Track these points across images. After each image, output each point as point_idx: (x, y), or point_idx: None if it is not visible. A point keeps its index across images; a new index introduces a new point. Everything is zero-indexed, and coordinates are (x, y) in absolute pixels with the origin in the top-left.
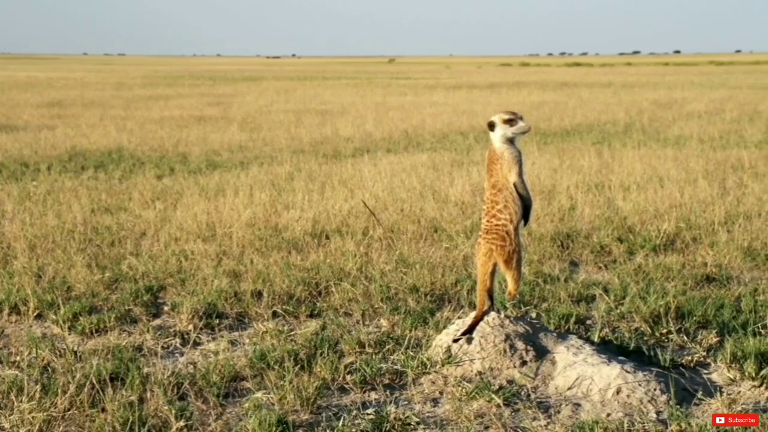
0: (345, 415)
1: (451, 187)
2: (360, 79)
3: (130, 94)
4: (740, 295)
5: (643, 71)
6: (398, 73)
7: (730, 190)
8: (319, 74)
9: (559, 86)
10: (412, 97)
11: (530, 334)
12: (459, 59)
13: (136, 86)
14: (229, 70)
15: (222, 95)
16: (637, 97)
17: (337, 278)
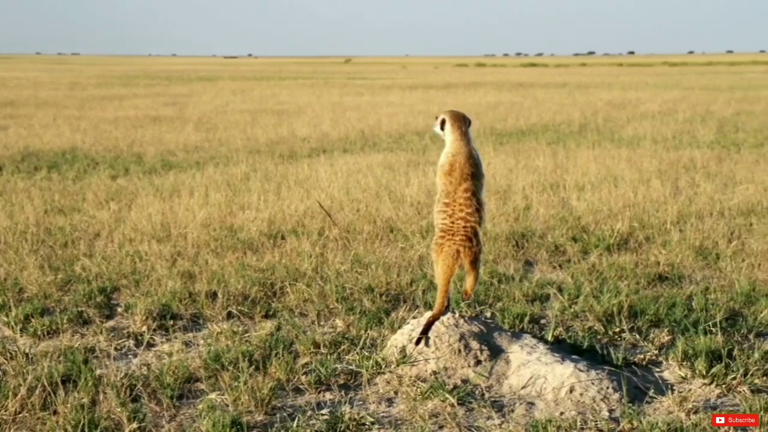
0: (299, 415)
1: (407, 188)
2: (317, 79)
3: (85, 94)
4: (692, 294)
5: (598, 72)
6: (355, 73)
7: (682, 189)
8: (276, 74)
9: (515, 87)
10: (368, 97)
11: (485, 333)
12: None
13: (91, 86)
14: (185, 69)
15: (178, 95)
16: (592, 97)
17: (292, 279)
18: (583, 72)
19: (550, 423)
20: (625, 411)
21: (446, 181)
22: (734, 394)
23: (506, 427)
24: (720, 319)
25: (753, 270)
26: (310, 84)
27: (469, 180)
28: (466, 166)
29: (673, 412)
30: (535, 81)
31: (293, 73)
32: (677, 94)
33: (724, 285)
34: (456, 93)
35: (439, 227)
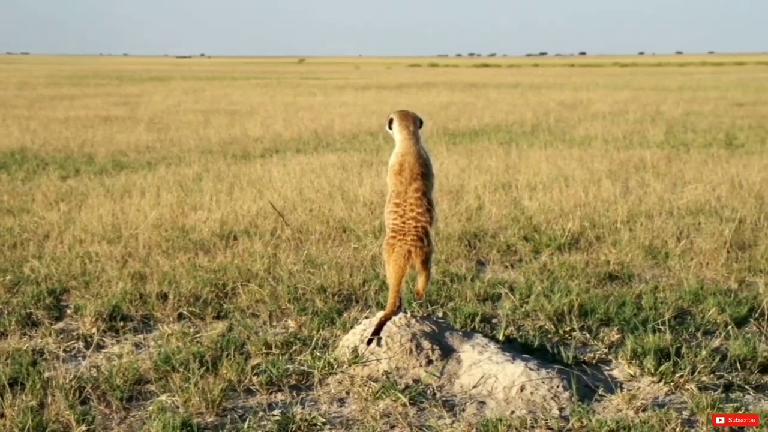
0: (251, 416)
1: (360, 188)
2: (269, 79)
3: (34, 93)
4: (641, 293)
5: (550, 72)
6: (308, 73)
7: (632, 189)
8: (228, 74)
9: (468, 87)
10: (321, 97)
11: (436, 333)
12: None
13: (40, 86)
14: (137, 69)
15: (129, 95)
16: (544, 97)
17: (244, 279)
18: (535, 72)
19: (501, 422)
20: (574, 409)
21: (396, 181)
22: (682, 392)
23: (457, 427)
24: (668, 318)
25: (701, 269)
26: (263, 84)
27: (420, 180)
28: (416, 166)
29: (622, 410)
30: (488, 81)
31: (246, 73)
32: (628, 95)
33: (672, 284)
34: (409, 93)
35: (390, 227)
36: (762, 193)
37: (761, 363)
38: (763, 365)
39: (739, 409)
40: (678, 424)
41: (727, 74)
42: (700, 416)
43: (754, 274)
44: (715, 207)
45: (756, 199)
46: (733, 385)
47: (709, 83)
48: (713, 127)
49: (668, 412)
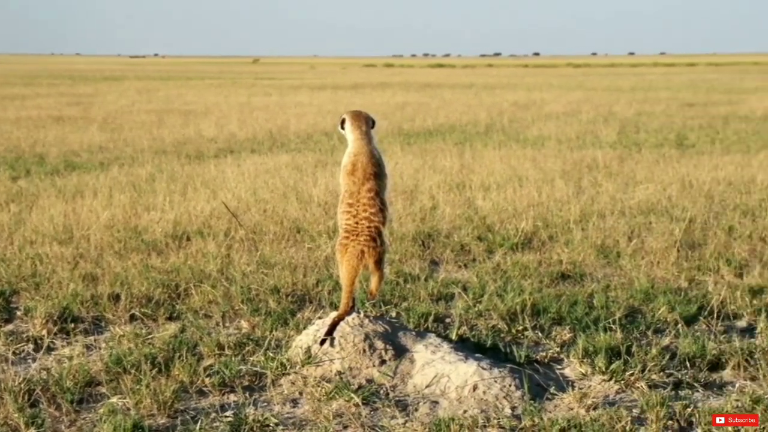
0: (203, 418)
1: (315, 188)
2: (224, 79)
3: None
4: (593, 292)
5: (504, 73)
6: (263, 73)
7: (585, 189)
8: (183, 74)
9: (423, 87)
10: (276, 97)
11: (389, 333)
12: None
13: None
14: (90, 69)
15: (82, 95)
16: (498, 98)
17: (197, 280)
18: (489, 73)
19: (453, 421)
20: (526, 408)
21: (349, 181)
22: (632, 390)
23: (410, 426)
24: (619, 317)
25: (652, 268)
26: (217, 84)
27: (372, 180)
28: (368, 166)
29: (573, 408)
30: (443, 82)
31: (200, 73)
32: (581, 95)
33: (624, 283)
34: (364, 93)
35: (343, 228)
36: (712, 193)
37: (710, 361)
38: (712, 363)
39: (688, 407)
40: (628, 422)
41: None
42: (650, 414)
43: (703, 273)
44: (666, 206)
45: (706, 198)
46: (682, 382)
47: (661, 84)
48: (665, 127)
49: (619, 410)
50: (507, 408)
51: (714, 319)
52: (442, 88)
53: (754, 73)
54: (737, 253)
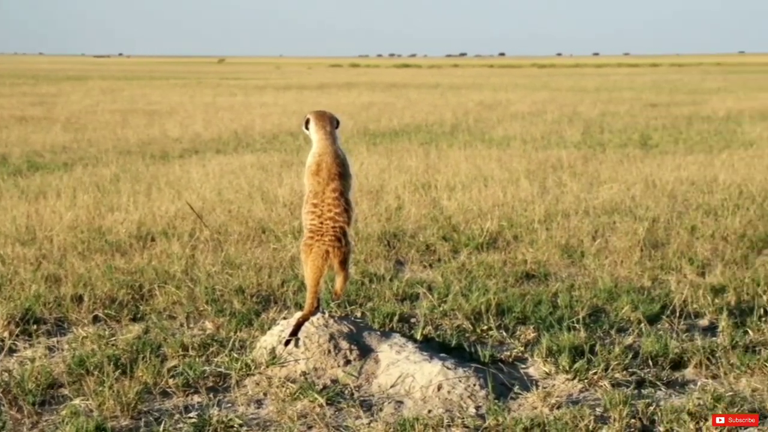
0: (166, 419)
1: (280, 188)
2: (189, 79)
3: None
4: (557, 291)
5: (469, 73)
6: (228, 73)
7: (549, 189)
8: (147, 74)
9: (388, 87)
10: (242, 97)
11: (354, 333)
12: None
13: None
14: (53, 69)
15: (45, 95)
16: (464, 98)
17: (161, 281)
18: (455, 73)
19: (418, 421)
20: (490, 408)
21: (314, 181)
22: (596, 389)
23: (375, 427)
24: (583, 316)
25: (615, 267)
26: (182, 84)
27: (337, 180)
28: (333, 166)
29: (537, 407)
30: (409, 82)
31: (165, 73)
32: (546, 96)
33: (588, 282)
34: (330, 93)
35: (307, 228)
36: (675, 193)
37: (673, 359)
38: (675, 361)
39: (650, 405)
40: (591, 420)
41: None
42: (613, 413)
43: (666, 272)
44: (630, 206)
45: (669, 198)
46: (645, 381)
47: (625, 84)
48: (628, 127)
49: (582, 409)
50: (471, 407)
51: (676, 318)
52: (408, 88)
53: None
54: (699, 252)
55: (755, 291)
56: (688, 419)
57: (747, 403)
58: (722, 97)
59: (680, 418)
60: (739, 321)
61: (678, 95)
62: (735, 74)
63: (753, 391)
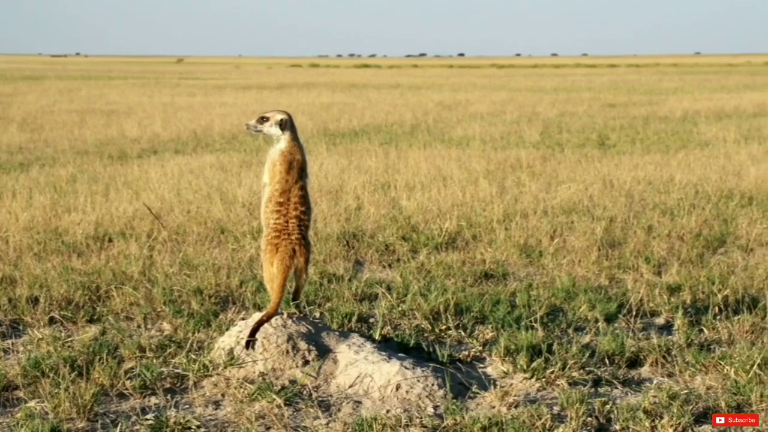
0: (123, 421)
1: (239, 188)
2: (147, 78)
3: None
4: (515, 291)
5: (429, 73)
6: (187, 73)
7: (508, 189)
8: (105, 74)
9: (348, 87)
10: (201, 97)
11: (313, 333)
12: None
13: None
14: (8, 68)
15: (1, 94)
16: (423, 98)
17: (118, 282)
18: (415, 73)
19: (376, 421)
20: (448, 407)
21: (282, 180)
22: (553, 388)
23: (333, 427)
24: (541, 315)
25: (573, 266)
26: (140, 84)
27: (304, 179)
28: (303, 165)
29: (495, 406)
30: (368, 82)
31: (123, 73)
32: (505, 96)
33: (546, 281)
34: (290, 94)
35: (271, 227)
36: (632, 192)
37: (629, 358)
38: (631, 360)
39: (607, 403)
40: (548, 419)
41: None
42: (570, 411)
43: (623, 271)
44: (588, 206)
45: (626, 197)
46: (601, 379)
47: (583, 85)
48: (587, 127)
49: (539, 407)
50: (429, 407)
51: (633, 317)
52: (368, 88)
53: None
54: (656, 251)
55: (710, 289)
56: (643, 417)
57: (702, 401)
58: (679, 97)
59: (636, 417)
60: (694, 319)
61: (635, 96)
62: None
63: (708, 389)
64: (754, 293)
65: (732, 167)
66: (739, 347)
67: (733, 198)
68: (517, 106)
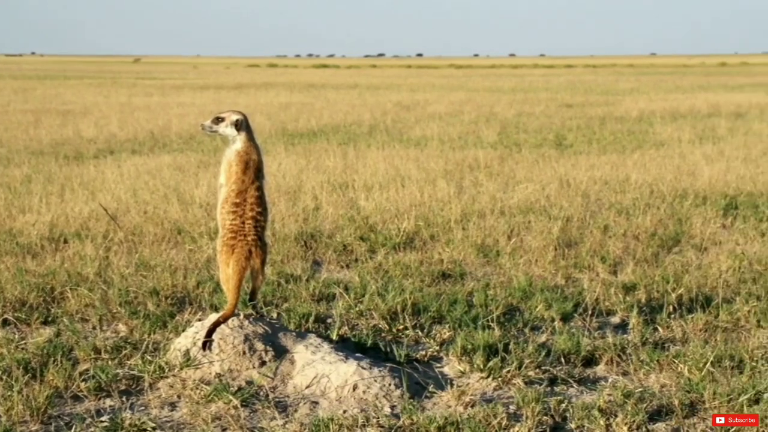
0: (77, 423)
1: (197, 189)
2: (104, 78)
3: None
4: (473, 291)
5: (388, 73)
6: (144, 72)
7: (466, 189)
8: (61, 73)
9: (307, 87)
10: (158, 97)
11: (270, 334)
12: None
13: None
14: None
15: None
16: (382, 98)
17: (74, 283)
18: (373, 73)
19: (333, 421)
20: (405, 407)
21: (239, 180)
22: (509, 387)
23: (290, 427)
24: (498, 314)
25: (530, 266)
26: (97, 84)
27: (261, 180)
28: (260, 166)
29: (451, 406)
30: (327, 82)
31: (79, 72)
32: (463, 96)
33: (503, 281)
34: (248, 94)
35: (228, 228)
36: (588, 192)
37: (584, 357)
38: (587, 359)
39: (562, 402)
40: (504, 418)
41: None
42: (526, 410)
43: (579, 271)
44: (545, 206)
45: (582, 197)
46: (557, 378)
47: (540, 85)
48: (544, 127)
49: (495, 407)
50: (386, 407)
51: (589, 316)
52: (326, 88)
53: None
54: (612, 250)
55: (665, 288)
56: (598, 416)
57: (656, 399)
58: (635, 97)
59: (591, 415)
60: (649, 318)
61: (592, 96)
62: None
63: (662, 387)
64: (707, 292)
65: (686, 167)
66: (692, 345)
67: (687, 197)
68: (475, 107)
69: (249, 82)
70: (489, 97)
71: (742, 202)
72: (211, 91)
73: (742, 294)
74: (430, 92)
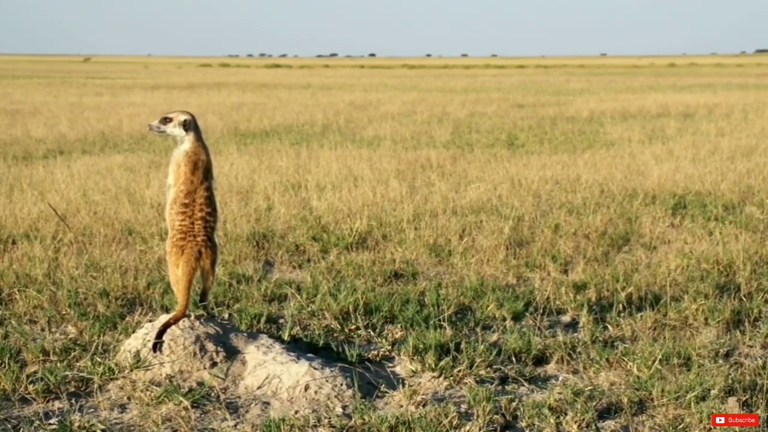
0: (25, 426)
1: (148, 189)
2: (53, 78)
3: None
4: (425, 290)
5: (340, 73)
6: (94, 72)
7: (418, 188)
8: (9, 72)
9: (259, 87)
10: (109, 97)
11: (221, 335)
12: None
13: None
14: None
15: None
16: (335, 98)
17: (22, 285)
18: (326, 73)
19: (284, 422)
20: (357, 407)
21: (187, 181)
22: (461, 386)
23: (241, 428)
24: (450, 314)
25: (482, 265)
26: (46, 83)
27: (210, 180)
28: (208, 166)
29: (403, 405)
30: (279, 82)
31: (28, 72)
32: (416, 96)
33: (455, 280)
34: (200, 93)
35: (177, 229)
36: (539, 192)
37: (535, 355)
38: (537, 357)
39: (513, 401)
40: (455, 417)
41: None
42: (477, 409)
43: (531, 270)
44: (496, 205)
45: (534, 197)
46: (508, 377)
47: (492, 85)
48: (496, 127)
49: (447, 406)
50: (338, 407)
51: (540, 315)
52: (279, 88)
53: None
54: (562, 250)
55: (615, 287)
56: (549, 414)
57: (605, 396)
58: (585, 98)
59: (541, 413)
60: (599, 317)
61: (544, 96)
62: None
63: (611, 384)
64: (656, 290)
65: (636, 167)
66: (641, 344)
67: (637, 197)
68: (427, 107)
69: (201, 82)
70: (441, 97)
71: (690, 201)
72: (162, 90)
73: (690, 292)
74: (382, 92)
